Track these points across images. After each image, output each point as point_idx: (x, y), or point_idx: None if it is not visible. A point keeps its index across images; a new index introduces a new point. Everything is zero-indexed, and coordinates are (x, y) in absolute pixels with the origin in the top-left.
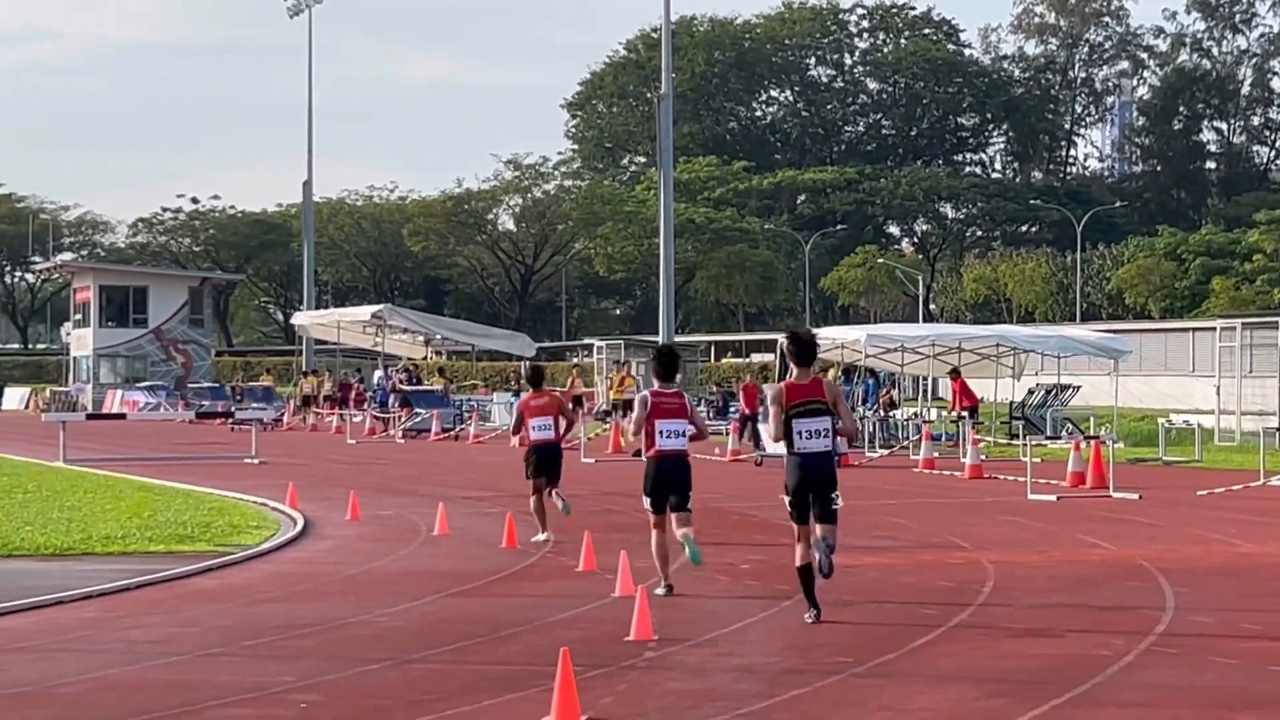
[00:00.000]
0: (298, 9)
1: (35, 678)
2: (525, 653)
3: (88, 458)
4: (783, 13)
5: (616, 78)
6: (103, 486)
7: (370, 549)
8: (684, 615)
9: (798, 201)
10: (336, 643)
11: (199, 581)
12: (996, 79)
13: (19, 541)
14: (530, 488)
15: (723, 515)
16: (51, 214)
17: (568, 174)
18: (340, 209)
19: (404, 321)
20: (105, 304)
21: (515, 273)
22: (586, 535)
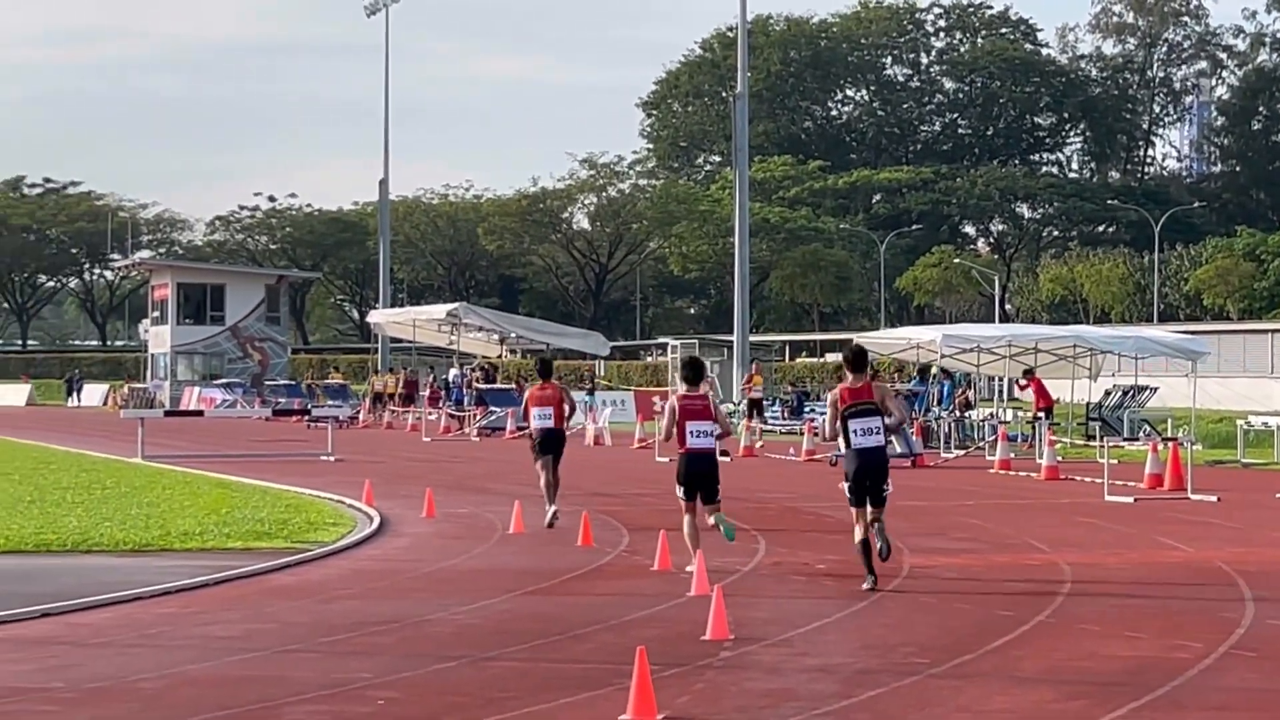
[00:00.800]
0: (375, 8)
1: (114, 673)
2: (601, 651)
3: (166, 454)
4: (859, 12)
5: (692, 77)
6: (180, 483)
7: (446, 546)
8: (760, 615)
9: (873, 201)
10: (413, 640)
11: (276, 578)
12: (1074, 78)
13: (98, 537)
14: (537, 465)
15: (798, 515)
16: (130, 212)
17: (643, 173)
18: (416, 207)
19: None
20: (183, 301)
21: (590, 271)
22: (662, 534)
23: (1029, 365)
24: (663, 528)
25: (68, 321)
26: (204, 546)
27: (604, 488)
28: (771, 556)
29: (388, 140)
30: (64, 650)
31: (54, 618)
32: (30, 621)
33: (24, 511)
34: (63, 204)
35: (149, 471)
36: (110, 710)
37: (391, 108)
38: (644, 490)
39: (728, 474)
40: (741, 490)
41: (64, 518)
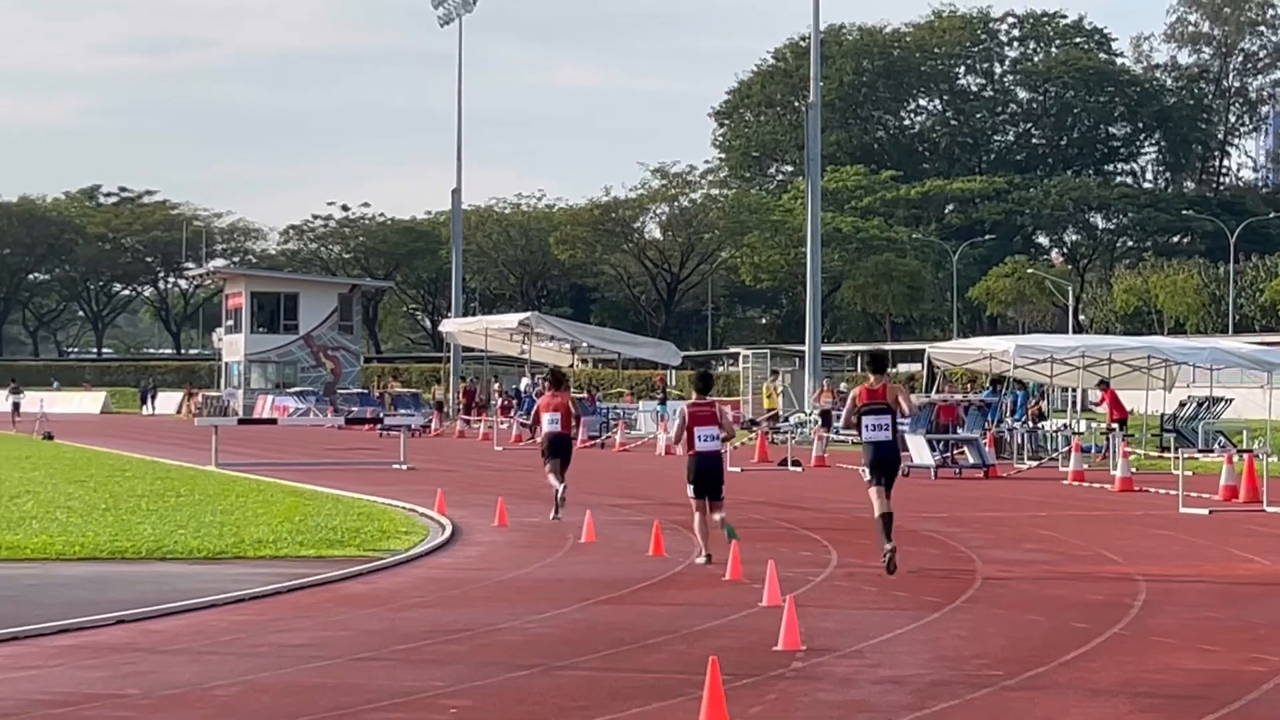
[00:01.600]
0: (448, 17)
1: (189, 680)
2: (673, 661)
3: (239, 462)
4: (932, 21)
5: (764, 86)
6: (254, 491)
7: (518, 555)
8: (832, 625)
9: (946, 211)
10: (486, 648)
11: (349, 586)
12: (1149, 88)
13: (172, 545)
14: (546, 468)
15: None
16: (205, 221)
17: (714, 182)
18: (488, 217)
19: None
20: (257, 310)
21: (661, 281)
22: (733, 544)
23: (1103, 376)
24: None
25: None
26: (277, 554)
27: (675, 497)
28: (843, 567)
29: (460, 149)
30: (139, 657)
31: (129, 624)
32: (105, 628)
33: (99, 519)
34: (138, 213)
35: (223, 479)
36: (184, 717)
37: (464, 117)
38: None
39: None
40: (813, 500)
41: (139, 525)
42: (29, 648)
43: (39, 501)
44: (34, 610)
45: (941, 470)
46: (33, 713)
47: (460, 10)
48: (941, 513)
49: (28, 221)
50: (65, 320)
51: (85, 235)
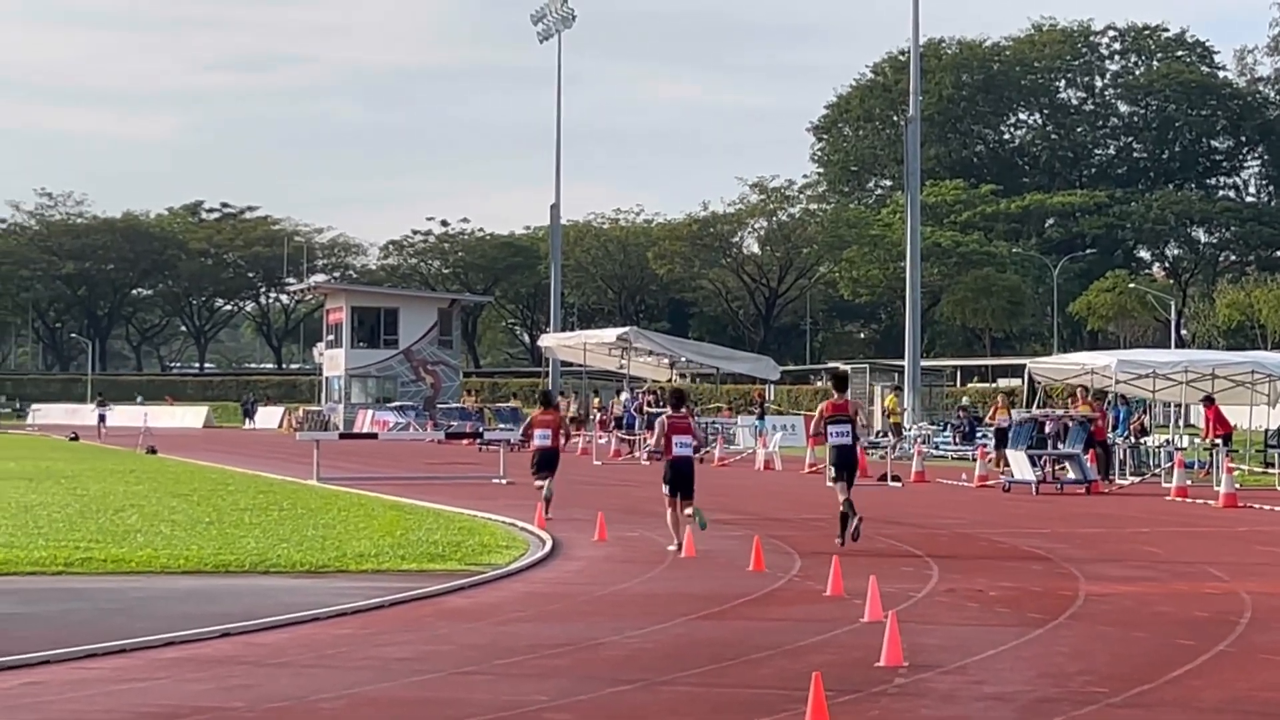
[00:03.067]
0: (547, 33)
1: (294, 693)
2: (775, 677)
3: (340, 476)
4: (1032, 35)
5: (863, 101)
6: (355, 505)
7: (618, 570)
8: (934, 641)
9: (1046, 225)
10: (588, 663)
11: (451, 600)
12: (1252, 102)
13: (275, 558)
14: (534, 480)
15: (971, 541)
16: (305, 236)
17: (813, 197)
18: (587, 232)
19: (649, 344)
20: (357, 325)
21: (759, 296)
22: (834, 560)
23: (1207, 392)
24: (835, 553)
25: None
26: (379, 568)
27: (775, 512)
28: (945, 583)
29: (559, 165)
30: (244, 670)
31: (233, 638)
32: (211, 641)
33: (203, 533)
34: (240, 229)
35: (324, 494)
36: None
37: (563, 132)
38: (815, 515)
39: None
40: (913, 516)
41: (242, 539)
42: (136, 660)
43: (144, 515)
44: (140, 623)
45: (1043, 486)
46: None
47: (559, 26)
48: (1043, 529)
49: (132, 237)
50: (168, 335)
51: (188, 251)
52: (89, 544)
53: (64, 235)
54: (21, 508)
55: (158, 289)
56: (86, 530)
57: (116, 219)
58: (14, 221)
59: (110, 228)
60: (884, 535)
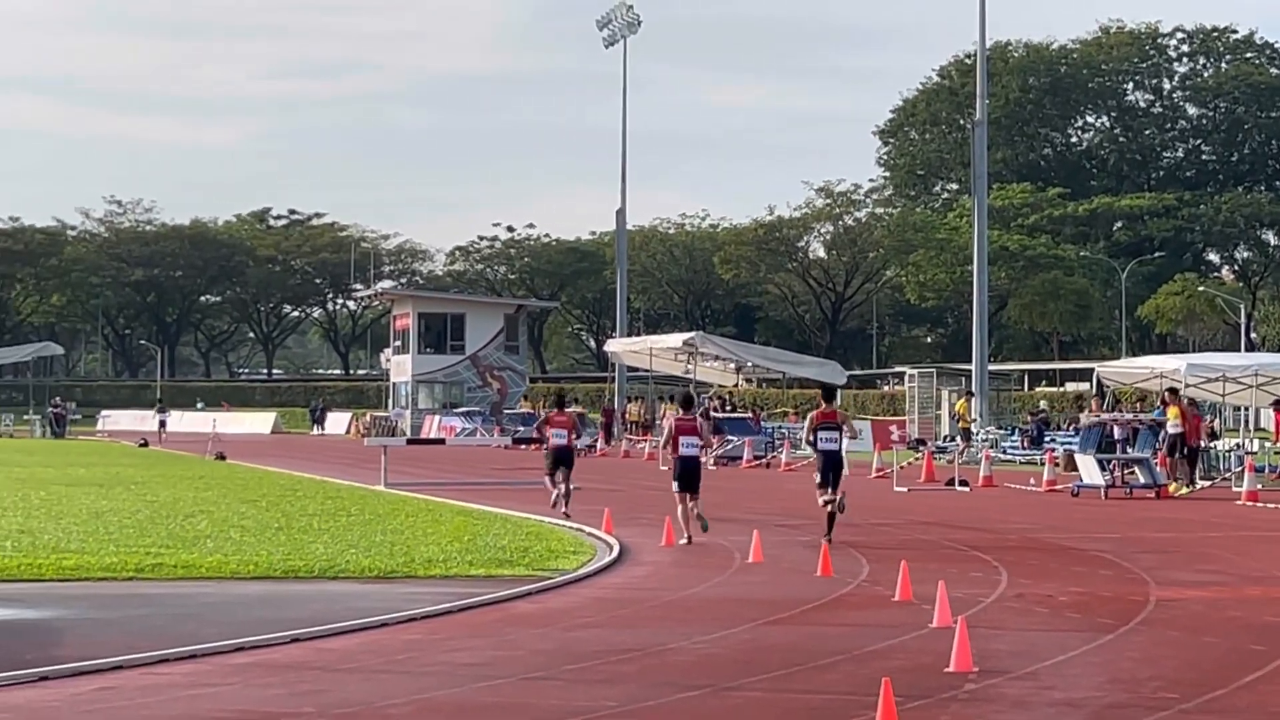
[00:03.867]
0: (613, 39)
1: (363, 698)
2: (845, 682)
3: (408, 482)
4: (1099, 37)
5: (929, 104)
6: (423, 510)
7: (686, 575)
8: (1004, 647)
9: (1114, 228)
10: (656, 668)
11: (519, 605)
12: None
13: (344, 564)
14: (549, 478)
15: (1040, 546)
16: (372, 243)
17: (879, 201)
18: (653, 237)
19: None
20: (424, 331)
21: (826, 300)
22: (903, 565)
23: (1277, 395)
24: (903, 558)
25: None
26: (447, 573)
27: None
28: (1014, 588)
29: (625, 170)
30: (313, 675)
31: (303, 643)
32: (281, 646)
33: (272, 538)
34: (307, 235)
35: (392, 499)
36: None
37: (629, 137)
38: (883, 520)
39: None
40: (981, 520)
41: (311, 544)
42: (206, 665)
43: (213, 521)
44: (211, 628)
45: (1111, 490)
46: None
47: (625, 32)
48: (1113, 533)
49: (200, 244)
50: (236, 342)
51: (256, 258)
52: (159, 550)
53: (133, 242)
54: (93, 514)
55: (226, 296)
56: (157, 536)
57: (185, 226)
58: (84, 229)
59: (179, 235)
60: (952, 540)
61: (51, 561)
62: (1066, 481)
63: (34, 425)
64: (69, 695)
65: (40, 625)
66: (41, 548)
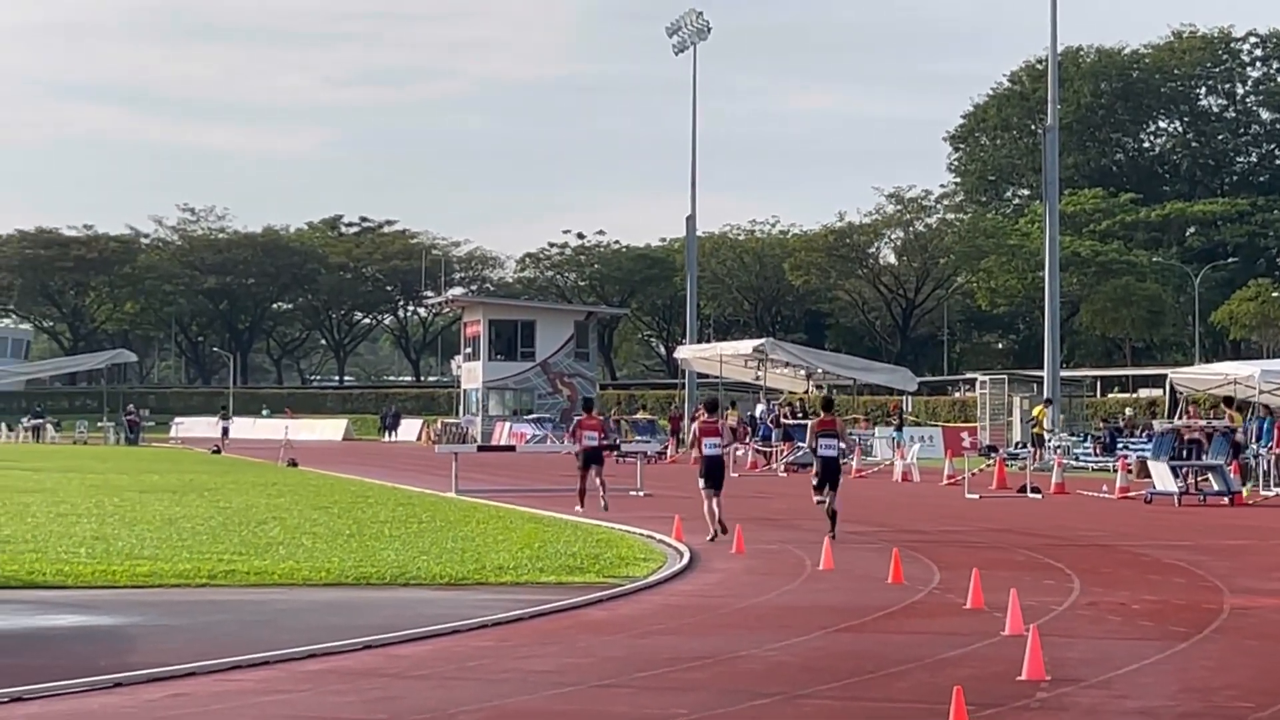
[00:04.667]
0: (682, 45)
1: (434, 705)
2: (916, 690)
3: (478, 488)
4: (1172, 42)
5: (1000, 109)
6: (494, 517)
7: (757, 582)
8: (1077, 655)
9: (1186, 234)
10: (727, 676)
11: (590, 612)
12: None
13: (415, 570)
14: (580, 475)
15: (1113, 554)
16: (443, 250)
17: (950, 207)
18: (723, 243)
19: (785, 355)
20: (494, 338)
21: (896, 306)
22: (975, 572)
23: None
24: (975, 566)
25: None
26: (518, 580)
27: (913, 524)
28: (1087, 596)
29: (695, 177)
30: (385, 682)
31: (374, 649)
32: (352, 653)
33: (344, 545)
34: (378, 242)
35: (463, 506)
36: None
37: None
38: (954, 527)
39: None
40: (1054, 528)
41: (382, 551)
42: (279, 672)
43: (285, 527)
44: (283, 635)
45: (1185, 497)
46: None
47: (695, 38)
48: (1186, 541)
49: (272, 252)
50: (308, 349)
51: (327, 265)
52: (232, 556)
53: (206, 250)
54: (166, 520)
55: (298, 303)
56: (229, 543)
57: (257, 234)
58: (157, 236)
59: (251, 242)
60: (1025, 548)
61: (125, 568)
62: (1140, 488)
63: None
64: (142, 701)
65: (114, 631)
66: (116, 554)
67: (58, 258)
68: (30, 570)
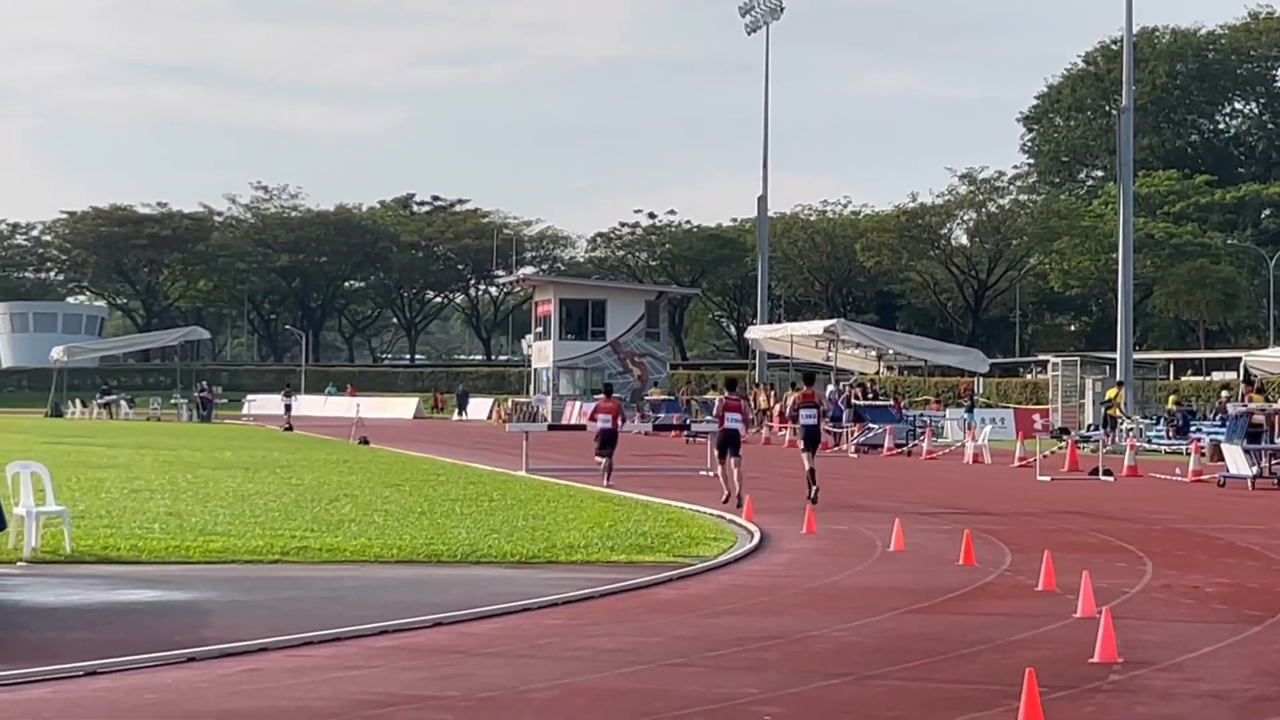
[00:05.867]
0: (755, 25)
1: (505, 682)
2: (987, 672)
3: (549, 467)
4: (1248, 23)
5: (1074, 90)
6: (564, 496)
7: (827, 563)
8: (1149, 638)
9: (1262, 216)
10: (797, 656)
11: (660, 592)
12: None
13: (486, 549)
14: (596, 452)
15: (1186, 537)
16: (514, 229)
17: (1023, 188)
18: (794, 224)
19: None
20: (565, 317)
21: (968, 287)
22: (1046, 554)
23: None
24: (1046, 548)
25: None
26: (588, 559)
27: (984, 506)
28: (1159, 578)
29: (767, 157)
30: (456, 659)
31: (445, 627)
32: (424, 630)
33: (415, 522)
34: (450, 221)
35: (534, 484)
36: (502, 719)
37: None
38: (1025, 509)
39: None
40: (1126, 510)
41: (453, 529)
42: (351, 648)
43: (357, 505)
44: (355, 611)
45: (1259, 481)
46: (356, 712)
47: (767, 18)
48: (1260, 524)
49: (344, 230)
50: (380, 327)
51: (399, 244)
52: (304, 533)
53: (279, 228)
54: (239, 497)
55: (369, 281)
56: (302, 520)
57: (330, 212)
58: (230, 215)
59: (324, 221)
60: (1096, 530)
61: (199, 544)
62: (1213, 472)
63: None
64: (216, 676)
65: (187, 607)
66: (189, 530)
67: (132, 235)
68: (105, 545)
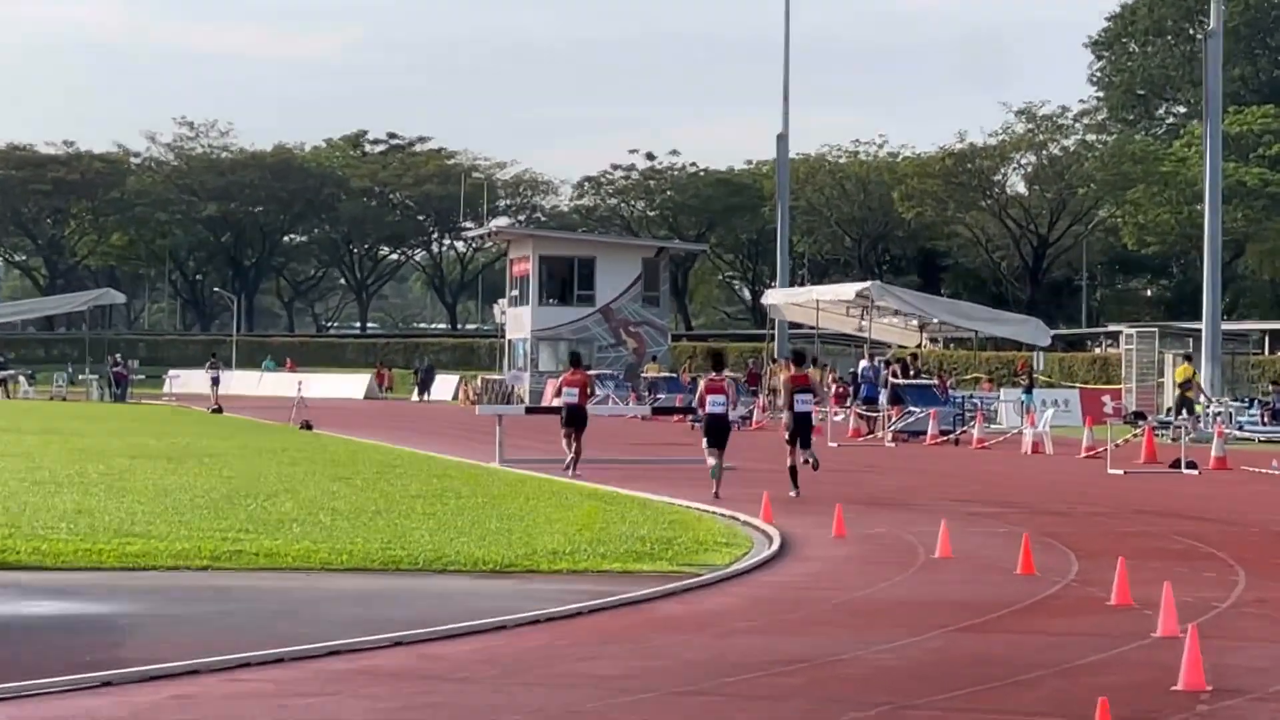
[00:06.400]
0: None
1: (477, 714)
2: (1050, 701)
3: (528, 458)
4: None
5: (1152, 11)
6: (546, 492)
7: (861, 573)
8: (1242, 662)
9: None
10: (827, 682)
11: (663, 606)
12: None
13: (453, 555)
14: (562, 434)
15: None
16: (486, 172)
17: (1091, 126)
18: (820, 167)
19: (894, 302)
20: (546, 278)
21: (1026, 245)
22: (1120, 562)
23: None
24: (1120, 554)
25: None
26: (575, 568)
27: (1047, 504)
28: (1254, 591)
29: (787, 88)
30: (422, 686)
31: (406, 647)
32: (381, 650)
33: (369, 523)
34: (409, 164)
35: (509, 478)
36: None
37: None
38: (1095, 508)
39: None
40: (1214, 510)
41: (414, 531)
42: (297, 671)
43: (299, 502)
44: (300, 628)
45: None
46: None
47: None
48: None
49: (284, 174)
50: (325, 290)
51: (348, 190)
52: (238, 535)
53: (206, 172)
54: (160, 491)
55: (313, 235)
56: (235, 519)
57: (266, 153)
58: (149, 156)
59: (259, 163)
60: (1179, 533)
61: (113, 547)
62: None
63: (91, 386)
64: (137, 704)
65: (102, 621)
66: (102, 530)
67: (32, 179)
68: (2, 548)
